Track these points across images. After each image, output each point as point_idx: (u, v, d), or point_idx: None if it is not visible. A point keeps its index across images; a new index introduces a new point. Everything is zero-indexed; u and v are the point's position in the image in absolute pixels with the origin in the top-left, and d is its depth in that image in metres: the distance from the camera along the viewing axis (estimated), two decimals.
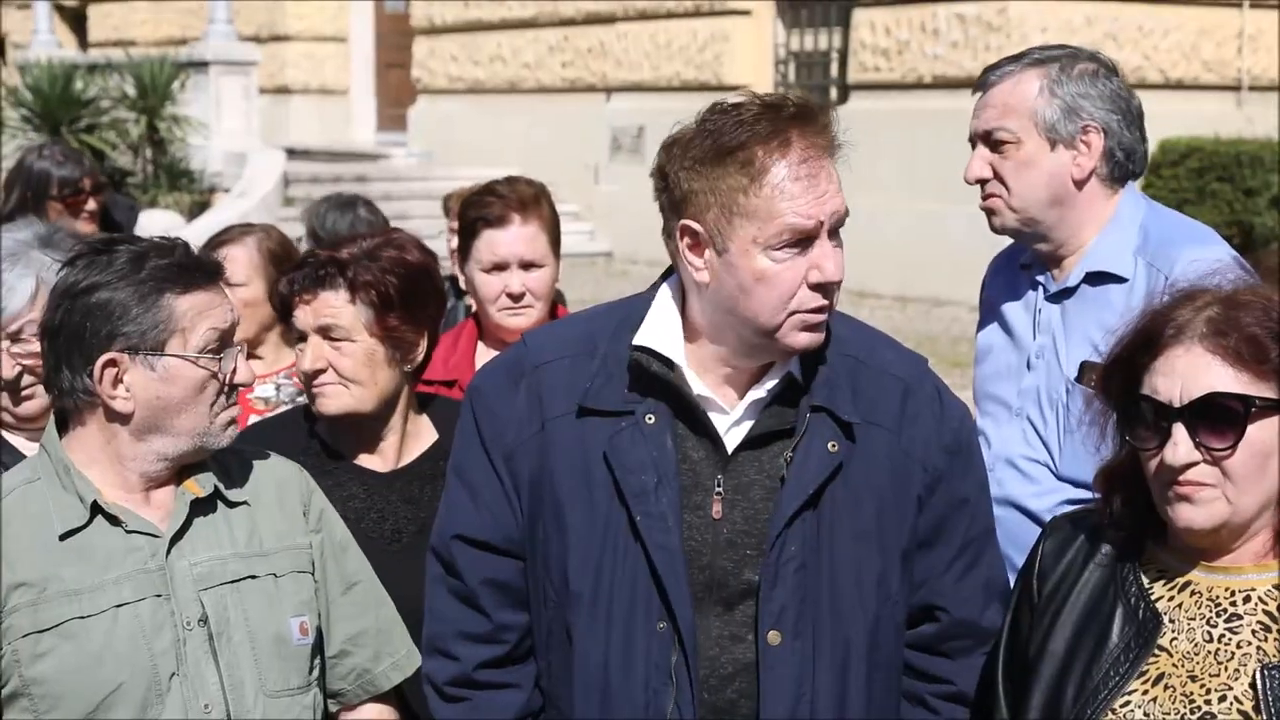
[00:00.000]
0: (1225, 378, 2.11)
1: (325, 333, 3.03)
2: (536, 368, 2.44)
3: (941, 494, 2.45)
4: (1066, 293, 3.13)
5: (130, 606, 2.42)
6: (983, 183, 3.15)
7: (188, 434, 2.47)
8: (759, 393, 2.39)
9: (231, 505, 2.55)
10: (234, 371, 2.50)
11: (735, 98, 2.37)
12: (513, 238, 3.67)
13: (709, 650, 2.36)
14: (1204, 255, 2.98)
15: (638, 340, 2.40)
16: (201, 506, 2.52)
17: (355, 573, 2.70)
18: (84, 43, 23.56)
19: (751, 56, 16.31)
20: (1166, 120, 14.02)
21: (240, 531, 2.54)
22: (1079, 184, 3.09)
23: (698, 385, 2.40)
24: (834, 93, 15.64)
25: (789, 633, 2.35)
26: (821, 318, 2.34)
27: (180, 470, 2.52)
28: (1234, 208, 13.12)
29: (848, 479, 2.38)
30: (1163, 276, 2.99)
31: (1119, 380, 2.21)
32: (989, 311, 3.33)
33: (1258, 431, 2.11)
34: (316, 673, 2.61)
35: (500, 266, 3.68)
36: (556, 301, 4.04)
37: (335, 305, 3.02)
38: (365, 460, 3.10)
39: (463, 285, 3.87)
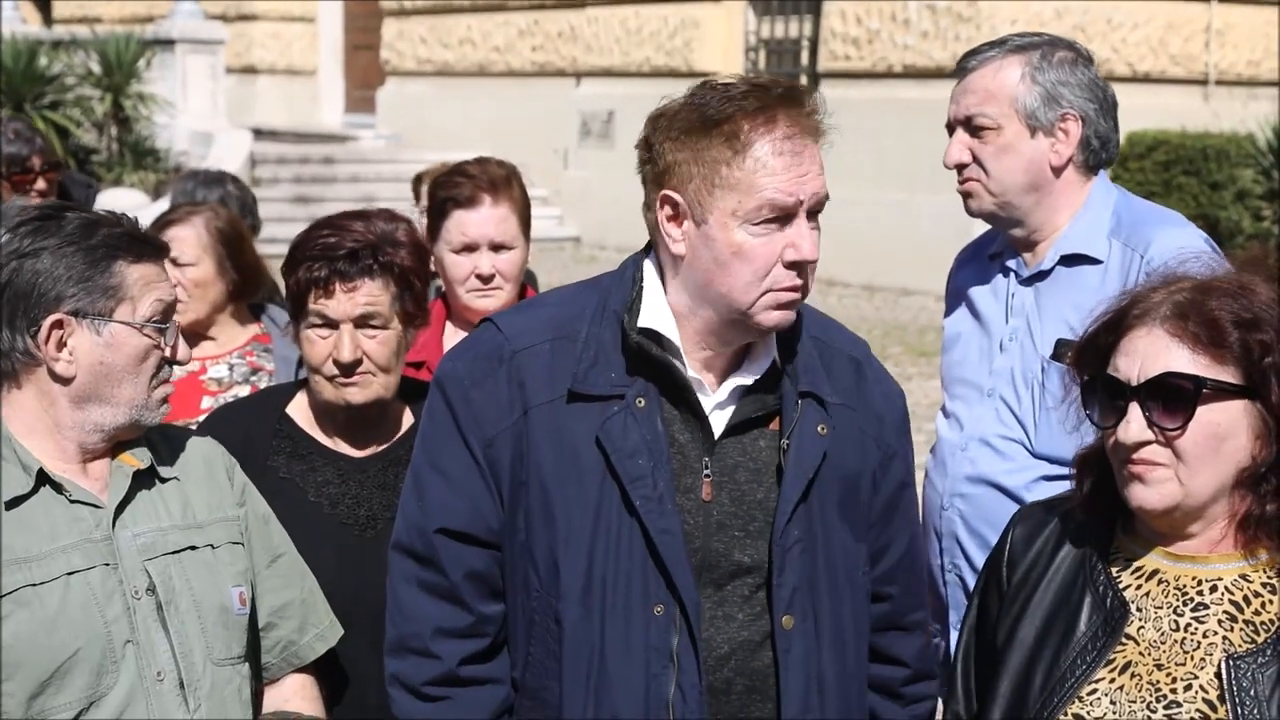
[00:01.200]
0: (1181, 359, 2.12)
1: (363, 321, 2.93)
2: (516, 353, 2.41)
3: (893, 471, 2.51)
4: (1040, 275, 3.17)
5: (81, 574, 2.41)
6: (961, 167, 3.18)
7: (125, 405, 2.47)
8: (745, 379, 2.40)
9: (163, 480, 2.56)
10: (174, 347, 2.51)
11: (724, 78, 2.39)
12: (483, 219, 3.64)
13: (704, 631, 2.37)
14: (1178, 235, 3.04)
15: (643, 322, 2.38)
16: (140, 480, 2.52)
17: (279, 545, 2.71)
18: (49, 19, 23.35)
19: (722, 43, 16.30)
20: (1134, 113, 14.02)
21: (174, 505, 2.55)
22: (1056, 171, 3.14)
23: (690, 369, 2.40)
24: (804, 81, 15.64)
25: (798, 615, 2.38)
26: (794, 297, 2.35)
27: (114, 447, 2.52)
28: (1200, 201, 13.20)
29: (829, 460, 2.41)
30: (1138, 256, 3.06)
31: (1089, 360, 2.23)
32: (956, 300, 3.36)
33: (1210, 414, 2.12)
34: (252, 644, 2.62)
35: (470, 248, 3.65)
36: (528, 283, 4.02)
37: (377, 293, 2.93)
38: (340, 445, 3.04)
39: (431, 266, 3.85)
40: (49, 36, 18.14)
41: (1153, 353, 2.14)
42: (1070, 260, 3.14)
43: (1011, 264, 3.23)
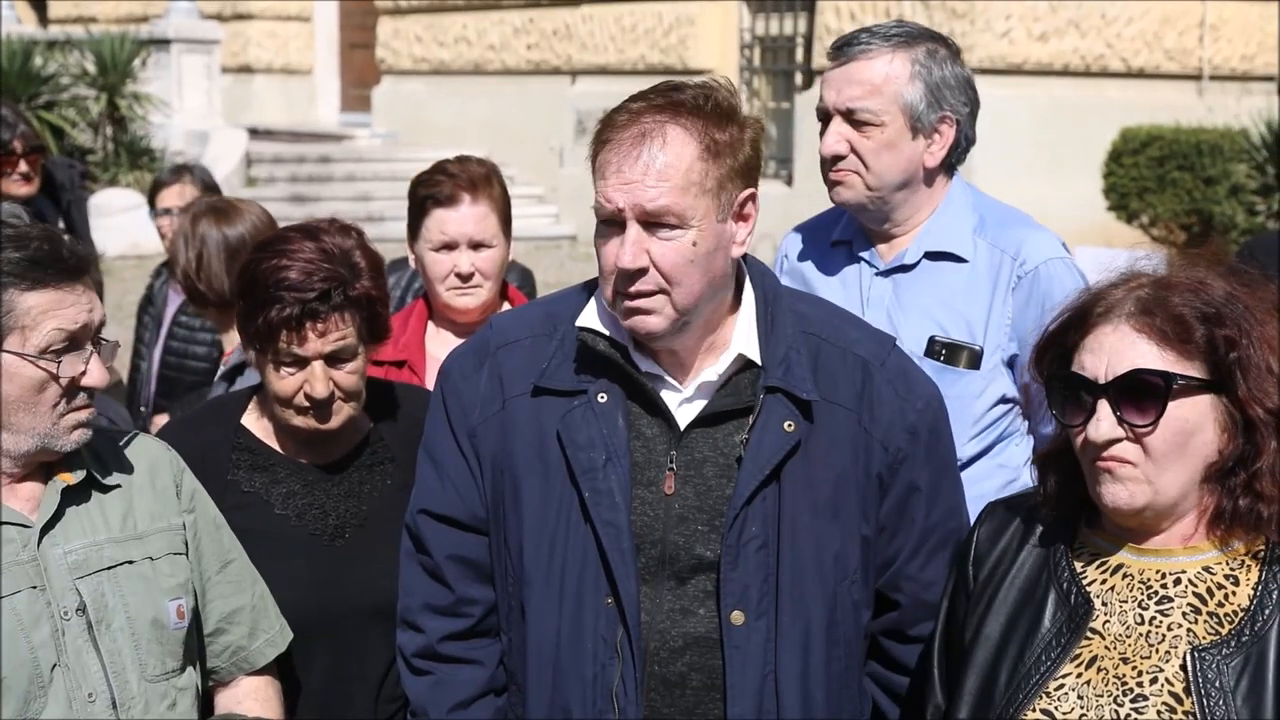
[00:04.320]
0: (1149, 355, 2.12)
1: (333, 358, 2.87)
2: (499, 349, 2.49)
3: (904, 476, 2.46)
4: (902, 269, 3.16)
5: (6, 600, 2.37)
6: (836, 158, 3.14)
7: (28, 433, 2.40)
8: (710, 375, 2.42)
9: (105, 490, 2.50)
10: (82, 374, 2.40)
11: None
12: (462, 217, 3.64)
13: (659, 623, 2.38)
14: (1044, 240, 3.11)
15: (580, 321, 2.43)
16: (74, 495, 2.46)
17: (229, 550, 2.68)
18: (44, 19, 23.34)
19: (717, 41, 16.30)
20: (1127, 109, 14.12)
21: (114, 515, 2.50)
22: (928, 171, 3.14)
23: (648, 364, 2.42)
24: (799, 78, 15.65)
25: (751, 612, 2.37)
26: (634, 304, 2.33)
27: (52, 463, 2.45)
28: (1194, 196, 13.22)
29: (806, 458, 2.39)
30: (1009, 258, 3.09)
31: (1050, 358, 2.22)
32: (799, 285, 3.28)
33: (1178, 410, 2.11)
34: (192, 653, 2.58)
35: (449, 246, 3.64)
36: (523, 282, 4.01)
37: (346, 329, 2.87)
38: (301, 454, 2.98)
39: (412, 264, 3.85)
40: (44, 36, 18.13)
41: (1120, 349, 2.13)
42: (935, 257, 3.14)
43: (864, 255, 3.22)
